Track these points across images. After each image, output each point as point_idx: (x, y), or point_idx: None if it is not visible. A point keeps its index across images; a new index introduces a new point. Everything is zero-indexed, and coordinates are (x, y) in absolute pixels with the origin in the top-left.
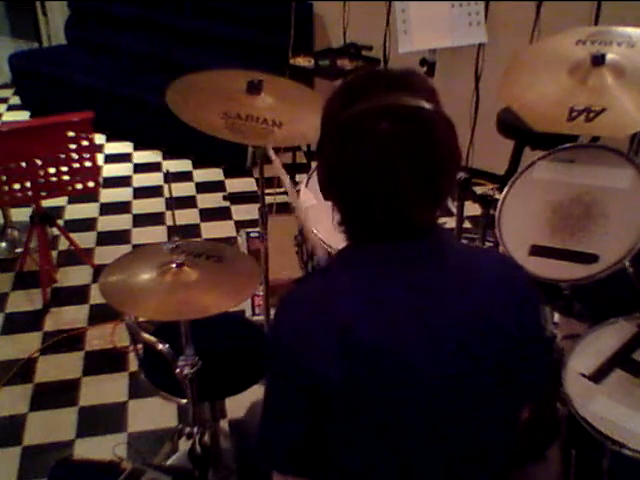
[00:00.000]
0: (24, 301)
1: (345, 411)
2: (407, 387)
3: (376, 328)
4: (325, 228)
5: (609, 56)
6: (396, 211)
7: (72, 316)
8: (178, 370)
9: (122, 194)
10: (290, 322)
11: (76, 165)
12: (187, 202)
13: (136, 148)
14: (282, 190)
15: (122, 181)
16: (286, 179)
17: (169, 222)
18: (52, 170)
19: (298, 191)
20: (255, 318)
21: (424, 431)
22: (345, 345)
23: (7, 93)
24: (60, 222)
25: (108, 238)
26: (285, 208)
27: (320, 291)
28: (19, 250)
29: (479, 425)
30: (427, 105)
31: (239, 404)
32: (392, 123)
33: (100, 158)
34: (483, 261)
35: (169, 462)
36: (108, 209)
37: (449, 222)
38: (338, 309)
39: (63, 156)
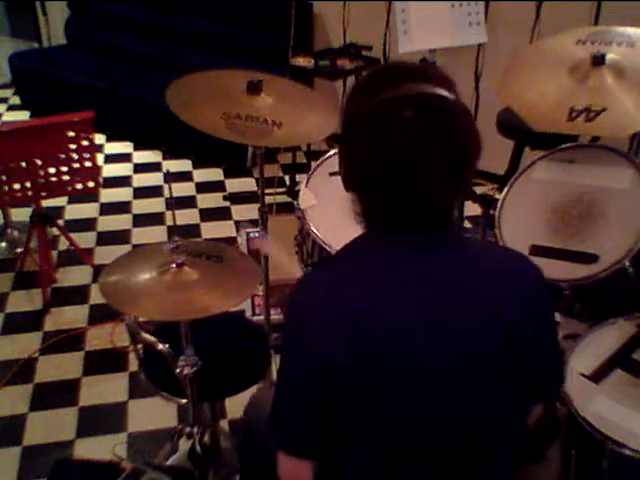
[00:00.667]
0: (24, 301)
1: (353, 396)
2: (413, 376)
3: (386, 316)
4: (325, 228)
5: (609, 56)
6: (421, 199)
7: (72, 316)
8: (178, 370)
9: (122, 194)
10: (303, 306)
11: (76, 165)
12: (187, 202)
13: (136, 148)
14: (282, 190)
15: (122, 181)
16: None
17: (169, 222)
18: (52, 170)
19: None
20: (255, 318)
21: (430, 420)
22: (355, 331)
23: (7, 93)
24: (60, 222)
25: (108, 238)
26: (285, 208)
27: (334, 277)
28: (19, 250)
29: (486, 418)
30: (449, 94)
31: (239, 404)
32: (417, 111)
33: (100, 158)
34: (495, 255)
35: (169, 462)
36: (108, 209)
37: None
38: (350, 295)
39: (63, 156)
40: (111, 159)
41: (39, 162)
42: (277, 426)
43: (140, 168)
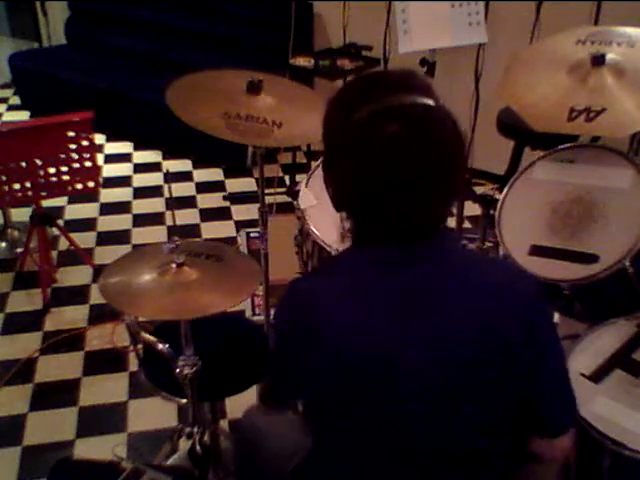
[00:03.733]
0: (24, 301)
1: (337, 411)
2: (403, 390)
3: (371, 331)
4: (325, 228)
5: (609, 56)
6: (406, 211)
7: (72, 316)
8: (178, 370)
9: (122, 194)
10: (288, 322)
11: (76, 165)
12: (187, 202)
13: (136, 148)
14: (282, 190)
15: (122, 181)
16: None
17: (169, 222)
18: (52, 170)
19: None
20: (255, 318)
21: (419, 433)
22: (341, 346)
23: (7, 93)
24: (60, 222)
25: (108, 238)
26: (285, 208)
27: (318, 293)
28: (19, 250)
29: (475, 434)
30: (431, 102)
31: (239, 404)
32: (401, 124)
33: (100, 158)
34: (487, 267)
35: (169, 462)
36: (108, 209)
37: (449, 222)
38: (335, 311)
39: (63, 156)
40: (111, 159)
41: (39, 162)
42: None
43: (140, 168)
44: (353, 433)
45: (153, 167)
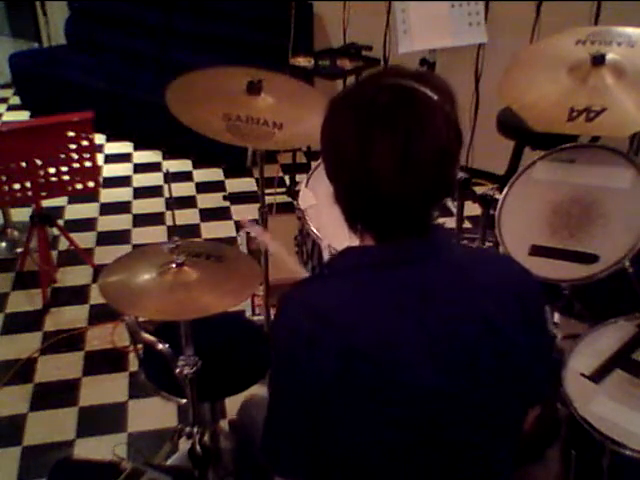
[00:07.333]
0: (24, 301)
1: (342, 413)
2: (405, 391)
3: (374, 332)
4: (325, 228)
5: (609, 56)
6: (397, 204)
7: (72, 316)
8: (178, 370)
9: (122, 194)
10: (289, 326)
11: (76, 165)
12: (187, 202)
13: (136, 148)
14: (282, 190)
15: (122, 181)
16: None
17: (169, 222)
18: (52, 170)
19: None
20: (255, 318)
21: (421, 434)
22: (343, 348)
23: (7, 93)
24: (60, 222)
25: (108, 238)
26: (285, 208)
27: (319, 294)
28: (19, 250)
29: (479, 430)
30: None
31: (239, 404)
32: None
33: (100, 158)
34: (483, 262)
35: (169, 462)
36: (108, 209)
37: (449, 222)
38: (336, 314)
39: (63, 156)
40: (111, 159)
41: (39, 162)
42: (273, 452)
43: (140, 168)
44: (363, 445)
45: (153, 167)
